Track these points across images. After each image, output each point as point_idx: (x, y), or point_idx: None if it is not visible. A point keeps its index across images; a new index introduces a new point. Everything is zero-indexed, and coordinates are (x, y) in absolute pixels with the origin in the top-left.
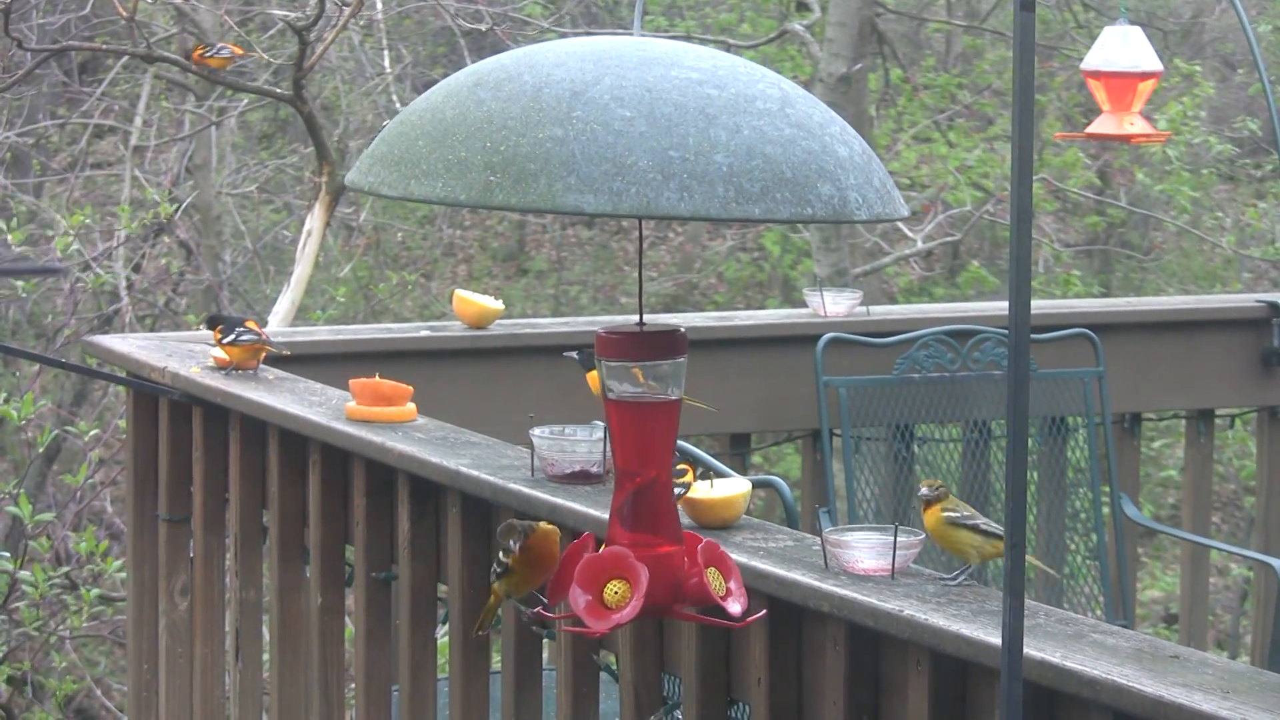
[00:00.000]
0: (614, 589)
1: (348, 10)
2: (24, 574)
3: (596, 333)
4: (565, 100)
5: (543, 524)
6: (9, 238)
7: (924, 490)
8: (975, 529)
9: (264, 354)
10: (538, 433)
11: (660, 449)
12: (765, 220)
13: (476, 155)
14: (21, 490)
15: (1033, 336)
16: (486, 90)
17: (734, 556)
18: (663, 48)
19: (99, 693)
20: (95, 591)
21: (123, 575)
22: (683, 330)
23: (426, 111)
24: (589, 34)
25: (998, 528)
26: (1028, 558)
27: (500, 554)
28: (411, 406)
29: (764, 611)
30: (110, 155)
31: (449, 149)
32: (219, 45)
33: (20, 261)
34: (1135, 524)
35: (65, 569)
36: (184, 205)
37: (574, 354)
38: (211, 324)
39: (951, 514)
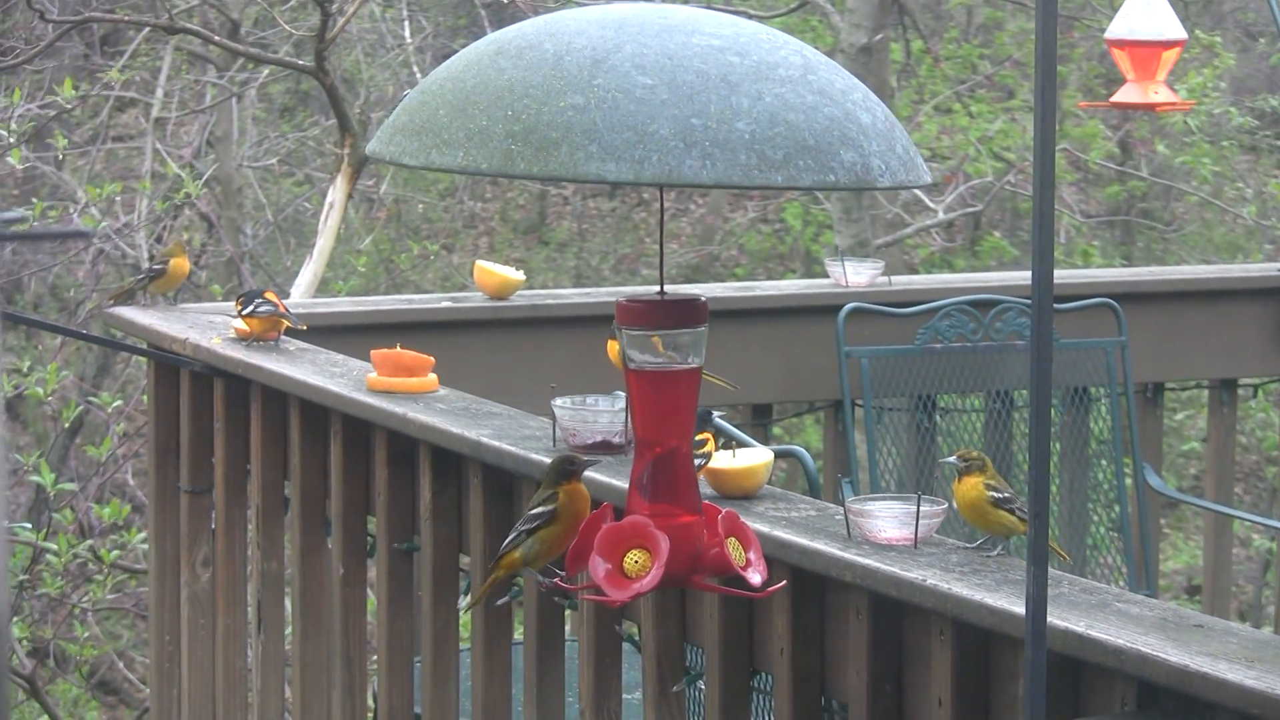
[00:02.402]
0: (634, 558)
1: None
2: (48, 544)
3: (617, 301)
4: (586, 68)
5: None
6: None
7: (953, 459)
8: (1012, 512)
9: (284, 325)
10: (559, 403)
11: (681, 418)
12: (788, 187)
13: (498, 124)
14: (43, 460)
15: (1055, 306)
16: (507, 59)
17: (756, 526)
18: (683, 14)
19: (121, 665)
20: (114, 553)
21: (145, 547)
22: (703, 299)
23: (447, 81)
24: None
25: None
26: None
27: (537, 507)
28: (433, 377)
29: (784, 582)
30: (132, 128)
31: (470, 118)
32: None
33: (46, 226)
34: (1158, 494)
35: (88, 541)
36: (206, 178)
37: None
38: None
39: (995, 494)
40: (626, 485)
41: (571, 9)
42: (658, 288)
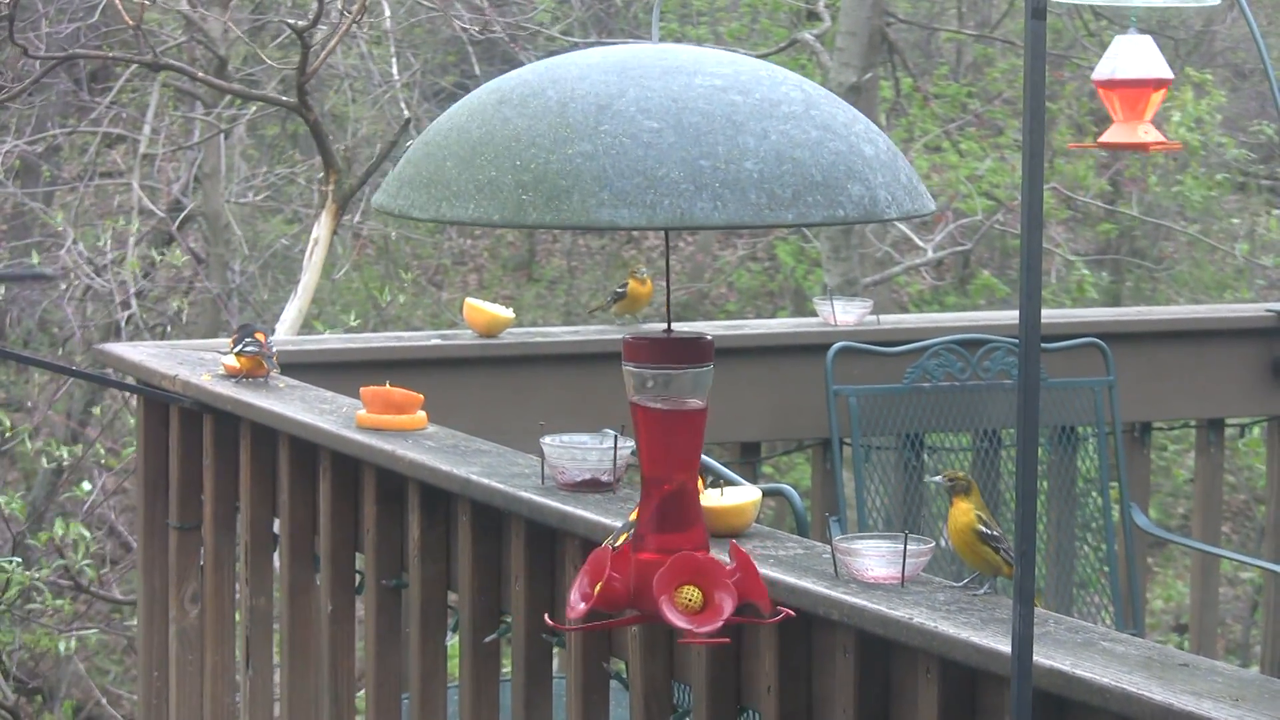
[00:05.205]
0: (687, 594)
1: (350, 15)
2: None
3: (624, 338)
4: (592, 115)
5: None
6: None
7: (939, 479)
8: (998, 551)
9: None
10: (548, 441)
11: (688, 455)
12: (799, 225)
13: (507, 174)
14: (17, 495)
15: (1043, 345)
16: (511, 108)
17: None
18: (684, 55)
19: (105, 702)
20: (61, 601)
21: (91, 575)
22: (709, 337)
23: (452, 131)
24: (600, 41)
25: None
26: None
27: None
28: (422, 414)
29: (788, 612)
30: (120, 164)
31: (478, 169)
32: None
33: (10, 267)
34: (1145, 533)
35: (47, 568)
36: (190, 214)
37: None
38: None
39: (984, 529)
40: (616, 523)
41: (570, 53)
42: (662, 325)
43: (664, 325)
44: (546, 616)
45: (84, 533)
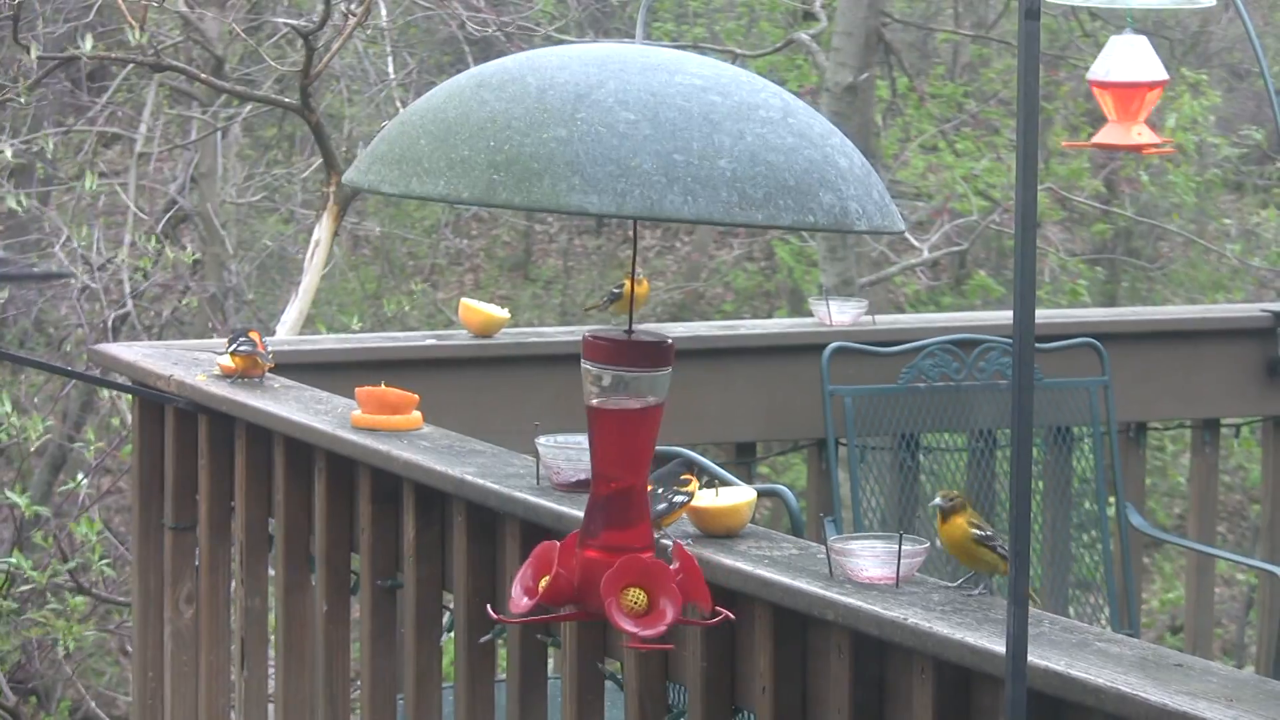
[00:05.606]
0: (633, 596)
1: (354, 18)
2: (17, 559)
3: (583, 336)
4: (569, 102)
5: None
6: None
7: (939, 500)
8: (994, 549)
9: (265, 366)
10: (543, 441)
11: (640, 456)
12: (767, 226)
13: (480, 154)
14: (22, 491)
15: (1038, 346)
16: (489, 91)
17: (739, 565)
18: (666, 55)
19: (94, 705)
20: (79, 599)
21: (111, 574)
22: (670, 341)
23: (428, 112)
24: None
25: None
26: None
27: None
28: (417, 415)
29: (726, 614)
30: (117, 164)
31: (452, 148)
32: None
33: (24, 267)
34: (1141, 533)
35: (71, 564)
36: (187, 214)
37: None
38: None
39: (979, 532)
40: None
41: (552, 47)
42: (657, 325)
43: (661, 326)
44: (489, 607)
45: (92, 536)
